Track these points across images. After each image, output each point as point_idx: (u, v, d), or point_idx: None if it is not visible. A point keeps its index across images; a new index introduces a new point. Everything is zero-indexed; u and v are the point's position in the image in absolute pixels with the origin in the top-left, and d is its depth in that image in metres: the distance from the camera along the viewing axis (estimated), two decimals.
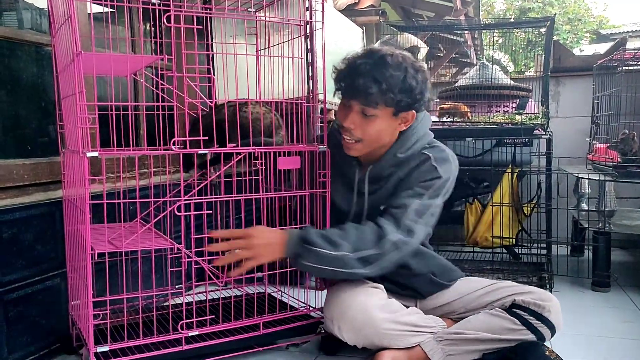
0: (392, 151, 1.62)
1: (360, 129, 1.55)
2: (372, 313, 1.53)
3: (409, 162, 1.62)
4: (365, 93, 1.48)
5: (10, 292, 1.54)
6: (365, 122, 1.54)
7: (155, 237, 1.56)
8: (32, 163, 1.66)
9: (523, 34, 3.39)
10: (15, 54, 1.69)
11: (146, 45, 2.27)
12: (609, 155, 2.52)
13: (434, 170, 1.59)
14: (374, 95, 1.48)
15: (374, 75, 1.47)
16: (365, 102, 1.50)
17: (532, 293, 1.60)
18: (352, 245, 1.47)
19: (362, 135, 1.56)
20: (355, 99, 1.52)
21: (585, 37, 16.57)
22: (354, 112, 1.54)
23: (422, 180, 1.58)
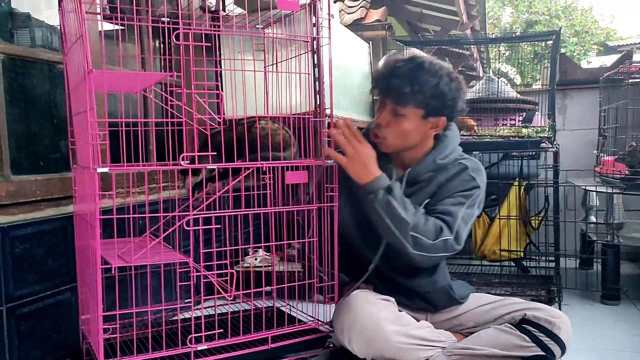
0: (431, 157, 1.66)
1: (388, 127, 1.61)
2: (383, 325, 1.53)
3: (447, 170, 1.67)
4: (398, 92, 1.55)
5: (22, 307, 1.56)
6: (394, 121, 1.60)
7: (165, 251, 1.58)
8: (45, 179, 1.68)
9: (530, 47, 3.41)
10: (28, 72, 1.73)
11: (155, 61, 2.30)
12: (617, 168, 2.51)
13: (472, 179, 1.65)
14: (405, 95, 1.55)
15: (408, 77, 1.55)
16: (397, 101, 1.57)
17: (542, 310, 1.60)
18: (417, 223, 1.53)
19: (388, 134, 1.62)
20: (389, 97, 1.60)
21: (592, 49, 16.55)
22: (387, 110, 1.61)
23: (462, 189, 1.63)
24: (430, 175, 1.66)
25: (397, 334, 1.53)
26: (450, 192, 1.63)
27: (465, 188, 1.63)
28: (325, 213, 1.70)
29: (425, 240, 1.53)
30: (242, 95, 1.67)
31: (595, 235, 2.66)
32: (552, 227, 2.53)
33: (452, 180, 1.65)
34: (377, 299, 1.62)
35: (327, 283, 1.71)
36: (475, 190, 1.64)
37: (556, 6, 17.22)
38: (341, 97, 2.76)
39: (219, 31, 1.68)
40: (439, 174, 1.66)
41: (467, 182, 1.64)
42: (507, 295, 2.32)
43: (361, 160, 1.56)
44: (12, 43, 1.69)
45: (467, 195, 1.62)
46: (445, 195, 1.64)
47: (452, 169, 1.67)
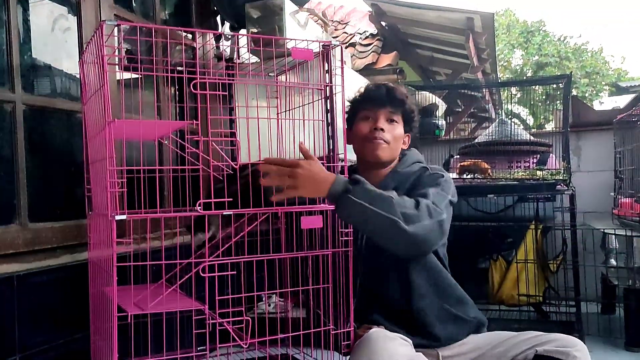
0: (393, 170, 1.76)
1: (389, 132, 1.71)
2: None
3: (409, 177, 1.73)
4: (400, 99, 1.72)
5: (35, 356, 1.54)
6: (391, 128, 1.72)
7: (180, 298, 1.57)
8: (60, 226, 1.70)
9: (541, 89, 3.43)
10: (47, 121, 1.77)
11: (171, 109, 2.34)
12: (635, 210, 2.48)
13: (435, 174, 1.71)
14: (402, 105, 1.73)
15: (400, 90, 1.76)
16: (394, 109, 1.72)
17: (554, 341, 1.54)
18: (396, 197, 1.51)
19: (391, 138, 1.71)
20: (386, 106, 1.72)
21: (604, 90, 16.60)
22: (382, 118, 1.72)
23: (430, 183, 1.67)
24: (394, 186, 1.69)
25: None
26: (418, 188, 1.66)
27: (431, 181, 1.67)
28: (340, 258, 1.69)
29: (411, 211, 1.49)
30: (256, 141, 1.69)
31: (616, 279, 2.60)
32: (571, 271, 2.49)
33: (418, 182, 1.70)
34: (395, 336, 1.59)
35: (342, 330, 1.68)
36: (441, 179, 1.67)
37: (566, 48, 17.39)
38: None
39: (234, 80, 1.71)
40: (401, 185, 1.71)
41: (431, 178, 1.69)
42: None
43: (304, 177, 1.50)
44: (33, 94, 1.73)
45: (436, 184, 1.65)
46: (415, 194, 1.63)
47: (414, 175, 1.74)
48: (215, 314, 1.50)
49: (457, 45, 4.77)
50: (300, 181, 1.50)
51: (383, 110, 1.73)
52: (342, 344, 1.68)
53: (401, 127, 1.75)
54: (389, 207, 1.49)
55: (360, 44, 5.11)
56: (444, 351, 1.72)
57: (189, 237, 2.09)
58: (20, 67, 1.69)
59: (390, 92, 1.75)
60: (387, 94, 1.75)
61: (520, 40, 17.76)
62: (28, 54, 1.76)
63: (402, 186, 1.72)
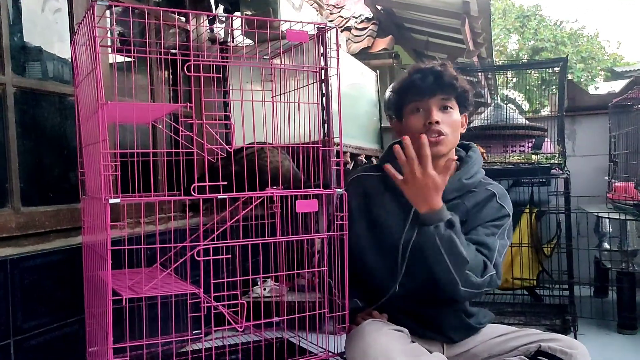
0: (456, 176, 1.63)
1: (444, 123, 1.59)
2: (394, 357, 1.49)
3: (474, 195, 1.64)
4: (454, 81, 1.58)
5: (29, 339, 1.54)
6: (446, 117, 1.59)
7: (175, 282, 1.56)
8: (54, 210, 1.68)
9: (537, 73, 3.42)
10: (39, 105, 1.74)
11: (165, 92, 2.32)
12: (629, 194, 2.49)
13: (501, 207, 1.63)
14: (454, 89, 1.58)
15: (449, 72, 1.59)
16: (447, 95, 1.58)
17: (558, 340, 1.56)
18: (471, 258, 1.49)
19: (449, 129, 1.59)
20: (436, 94, 1.58)
21: (599, 75, 16.59)
22: (434, 109, 1.59)
23: (493, 218, 1.62)
24: (456, 196, 1.63)
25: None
26: (481, 220, 1.61)
27: (496, 217, 1.62)
28: (335, 242, 1.69)
29: (475, 278, 1.50)
30: (251, 125, 1.67)
31: (609, 262, 2.62)
32: (565, 255, 2.50)
33: (482, 209, 1.63)
34: (389, 329, 1.58)
35: (337, 313, 1.68)
36: (506, 219, 1.62)
37: (562, 33, 17.34)
38: (349, 125, 2.77)
39: (229, 62, 1.69)
40: (465, 199, 1.64)
41: (497, 210, 1.62)
42: (521, 324, 2.28)
43: (425, 185, 1.48)
44: (24, 76, 1.71)
45: (498, 225, 1.61)
46: (476, 224, 1.61)
47: (479, 194, 1.64)
48: (210, 297, 1.50)
49: (453, 30, 4.74)
50: (422, 181, 1.47)
51: (434, 99, 1.60)
52: (337, 327, 1.68)
53: (457, 111, 1.62)
54: (459, 267, 1.48)
55: (355, 28, 5.08)
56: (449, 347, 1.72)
57: (184, 221, 2.09)
58: (10, 48, 1.67)
59: (439, 78, 1.60)
60: (436, 80, 1.60)
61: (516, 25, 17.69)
62: (18, 35, 1.74)
63: (464, 199, 1.62)
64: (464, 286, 1.50)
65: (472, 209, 1.63)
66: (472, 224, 1.63)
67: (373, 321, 1.61)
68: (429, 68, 1.63)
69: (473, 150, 1.74)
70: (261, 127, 1.73)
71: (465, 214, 1.63)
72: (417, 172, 1.47)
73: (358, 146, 2.84)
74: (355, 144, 2.79)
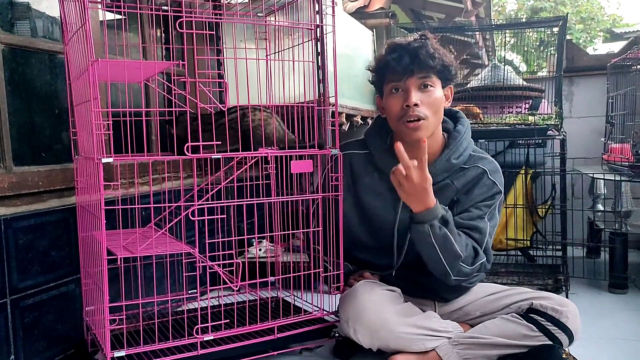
0: (445, 155, 1.63)
1: (424, 105, 1.56)
2: (388, 316, 1.52)
3: (464, 173, 1.63)
4: (430, 60, 1.54)
5: (26, 299, 1.55)
6: (426, 97, 1.56)
7: (170, 242, 1.57)
8: (47, 170, 1.67)
9: (535, 34, 3.38)
10: (29, 62, 1.71)
11: (157, 51, 2.28)
12: (625, 155, 2.49)
13: (493, 185, 1.63)
14: (435, 62, 1.54)
15: (430, 46, 1.56)
16: (427, 72, 1.55)
17: (550, 298, 1.58)
18: (463, 252, 1.51)
19: (428, 111, 1.56)
20: (414, 74, 1.55)
21: (598, 36, 16.39)
22: (413, 89, 1.56)
23: (484, 197, 1.62)
24: (445, 177, 1.63)
25: (403, 324, 1.52)
26: (473, 201, 1.62)
27: (487, 196, 1.63)
28: (330, 203, 1.69)
29: (466, 268, 1.53)
30: (244, 84, 1.65)
31: (602, 223, 2.64)
32: (559, 216, 2.51)
33: (473, 187, 1.63)
34: (382, 290, 1.60)
35: (332, 273, 1.70)
36: (498, 196, 1.63)
37: None
38: (345, 85, 2.73)
39: (222, 19, 1.66)
40: (455, 179, 1.63)
41: (488, 188, 1.63)
42: (514, 284, 2.31)
43: (421, 188, 1.46)
44: (12, 33, 1.67)
45: (490, 205, 1.62)
46: (468, 204, 1.62)
47: (469, 172, 1.64)
48: (206, 257, 1.50)
49: None
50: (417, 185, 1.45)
51: (412, 79, 1.56)
52: (332, 285, 1.70)
53: (438, 87, 1.58)
54: (452, 261, 1.51)
55: None
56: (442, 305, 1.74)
57: (178, 182, 2.08)
58: None
59: (417, 57, 1.54)
60: (413, 60, 1.54)
61: None
62: None
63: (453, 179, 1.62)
64: (455, 276, 1.54)
65: (462, 188, 1.63)
66: (464, 204, 1.63)
67: (366, 282, 1.62)
68: (405, 46, 1.57)
69: (461, 122, 1.70)
70: (255, 86, 1.71)
71: (454, 193, 1.63)
72: (415, 178, 1.45)
73: (354, 107, 2.82)
74: (350, 105, 2.76)
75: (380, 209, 1.66)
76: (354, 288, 1.60)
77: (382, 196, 1.67)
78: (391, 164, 1.62)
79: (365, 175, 1.70)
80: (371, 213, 1.68)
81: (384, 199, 1.66)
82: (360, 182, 1.70)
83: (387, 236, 1.66)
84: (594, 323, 1.96)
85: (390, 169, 1.61)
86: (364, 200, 1.68)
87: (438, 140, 1.65)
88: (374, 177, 1.69)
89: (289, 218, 1.80)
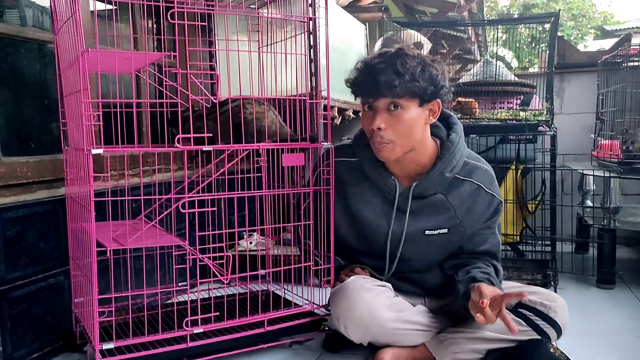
0: (438, 170, 1.57)
1: (390, 128, 1.50)
2: (378, 312, 1.52)
3: (459, 189, 1.60)
4: (390, 86, 1.45)
5: (14, 290, 1.54)
6: (394, 120, 1.49)
7: (160, 234, 1.56)
8: (35, 161, 1.66)
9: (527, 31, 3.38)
10: (18, 52, 1.69)
11: (148, 42, 2.26)
12: (614, 152, 2.50)
13: (492, 198, 1.62)
14: (399, 87, 1.45)
15: (394, 68, 1.46)
16: (392, 96, 1.47)
17: (538, 293, 1.59)
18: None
19: (394, 135, 1.50)
20: (379, 97, 1.49)
21: (589, 33, 16.46)
22: (381, 111, 1.50)
23: (490, 214, 1.64)
24: (436, 191, 1.60)
25: (393, 320, 1.53)
26: (479, 222, 1.63)
27: (491, 212, 1.63)
28: (321, 196, 1.69)
29: None
30: (236, 76, 1.64)
31: (591, 219, 2.65)
32: (548, 211, 2.52)
33: (473, 206, 1.61)
34: (373, 285, 1.60)
35: (322, 266, 1.70)
36: (500, 206, 1.64)
37: None
38: (337, 79, 2.72)
39: (214, 10, 1.64)
40: (449, 193, 1.60)
41: (489, 203, 1.62)
42: (503, 279, 2.32)
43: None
44: (1, 22, 1.65)
45: (496, 218, 1.66)
46: (476, 226, 1.63)
47: (464, 187, 1.60)
48: (196, 250, 1.50)
49: None
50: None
51: (380, 100, 1.49)
52: (323, 279, 1.70)
53: (412, 107, 1.49)
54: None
55: None
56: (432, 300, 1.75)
57: (169, 174, 2.07)
58: None
59: (379, 85, 1.46)
60: (381, 83, 1.45)
61: None
62: None
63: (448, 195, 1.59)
64: None
65: (459, 207, 1.61)
66: (471, 226, 1.63)
67: (356, 278, 1.62)
68: (371, 67, 1.50)
69: (454, 130, 1.63)
70: (247, 78, 1.70)
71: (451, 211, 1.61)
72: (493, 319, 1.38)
73: (346, 101, 2.81)
74: (342, 99, 2.76)
75: (371, 219, 1.65)
76: (344, 284, 1.60)
77: (372, 206, 1.65)
78: (382, 176, 1.61)
79: (355, 184, 1.67)
80: (362, 223, 1.66)
81: (374, 209, 1.65)
82: (349, 191, 1.68)
83: (379, 246, 1.66)
84: (582, 318, 1.97)
85: (381, 181, 1.61)
86: (354, 209, 1.66)
87: (426, 153, 1.59)
88: (363, 186, 1.66)
89: (279, 211, 1.79)
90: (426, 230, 1.61)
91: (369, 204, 1.65)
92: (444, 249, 1.66)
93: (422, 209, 1.61)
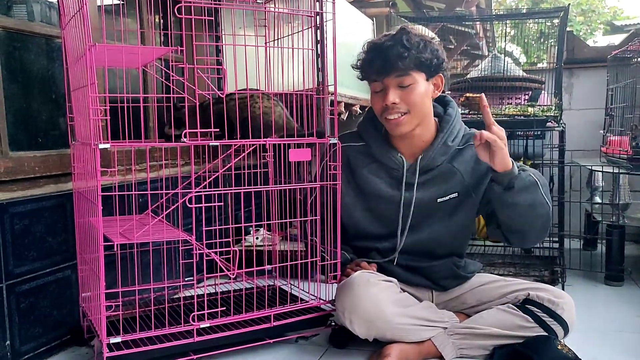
0: (440, 140, 1.65)
1: (404, 101, 1.58)
2: (384, 307, 1.52)
3: (462, 154, 1.67)
4: (400, 57, 1.53)
5: (22, 284, 1.55)
6: (406, 94, 1.57)
7: (167, 229, 1.56)
8: (43, 155, 1.66)
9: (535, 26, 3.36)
10: (26, 47, 1.70)
11: (155, 37, 2.26)
12: (623, 148, 2.48)
13: None
14: (408, 61, 1.54)
15: (401, 43, 1.54)
16: (402, 72, 1.55)
17: (546, 290, 1.59)
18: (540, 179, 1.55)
19: (408, 106, 1.58)
20: (389, 74, 1.56)
21: (599, 29, 16.34)
22: (392, 88, 1.57)
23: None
24: (443, 160, 1.65)
25: (399, 315, 1.53)
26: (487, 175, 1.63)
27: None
28: (328, 191, 1.68)
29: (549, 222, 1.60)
30: (243, 71, 1.64)
31: (600, 215, 2.64)
32: (556, 208, 2.50)
33: (477, 165, 1.65)
34: (379, 280, 1.60)
35: (329, 262, 1.70)
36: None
37: None
38: (344, 74, 2.72)
39: (221, 5, 1.64)
40: (455, 161, 1.66)
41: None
42: (510, 275, 2.31)
43: (503, 137, 1.50)
44: (9, 16, 1.65)
45: None
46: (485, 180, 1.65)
47: (466, 151, 1.67)
48: (203, 245, 1.50)
49: None
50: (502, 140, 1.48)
51: (389, 78, 1.57)
52: (329, 274, 1.70)
53: (420, 81, 1.58)
54: (547, 191, 1.55)
55: None
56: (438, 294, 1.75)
57: (176, 169, 2.07)
58: None
59: (389, 59, 1.55)
60: (389, 60, 1.55)
61: None
62: None
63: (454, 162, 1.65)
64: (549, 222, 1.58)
65: (466, 172, 1.65)
66: (482, 181, 1.66)
67: (362, 272, 1.62)
68: (378, 46, 1.59)
69: (451, 106, 1.73)
70: (254, 73, 1.70)
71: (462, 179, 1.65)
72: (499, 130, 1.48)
73: (353, 96, 2.80)
74: (350, 94, 2.75)
75: (383, 190, 1.69)
76: (350, 278, 1.60)
77: (383, 179, 1.69)
78: (389, 155, 1.65)
79: (364, 165, 1.71)
80: (375, 197, 1.69)
81: (385, 181, 1.69)
82: (359, 172, 1.71)
83: (392, 215, 1.68)
84: (589, 315, 1.96)
85: (388, 159, 1.66)
86: (367, 187, 1.70)
87: (431, 127, 1.68)
88: (372, 167, 1.71)
89: (286, 206, 1.79)
90: (438, 199, 1.66)
91: (380, 178, 1.70)
92: (454, 222, 1.68)
93: (432, 180, 1.66)
